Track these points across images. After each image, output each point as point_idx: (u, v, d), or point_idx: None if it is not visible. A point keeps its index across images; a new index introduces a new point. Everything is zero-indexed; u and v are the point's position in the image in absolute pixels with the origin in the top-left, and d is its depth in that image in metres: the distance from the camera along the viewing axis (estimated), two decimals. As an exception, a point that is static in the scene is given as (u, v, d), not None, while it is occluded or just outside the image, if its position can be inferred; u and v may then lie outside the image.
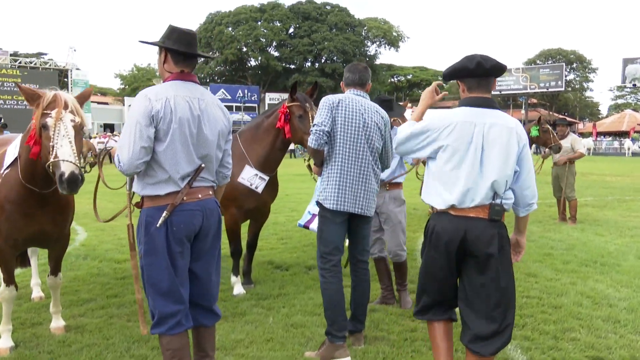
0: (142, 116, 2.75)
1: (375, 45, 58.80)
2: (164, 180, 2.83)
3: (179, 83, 2.92)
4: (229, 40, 53.17)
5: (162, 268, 2.83)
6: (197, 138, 2.88)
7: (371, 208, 3.81)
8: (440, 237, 2.84)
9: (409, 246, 7.28)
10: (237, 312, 4.60)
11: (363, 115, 3.71)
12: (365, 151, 3.70)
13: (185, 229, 2.86)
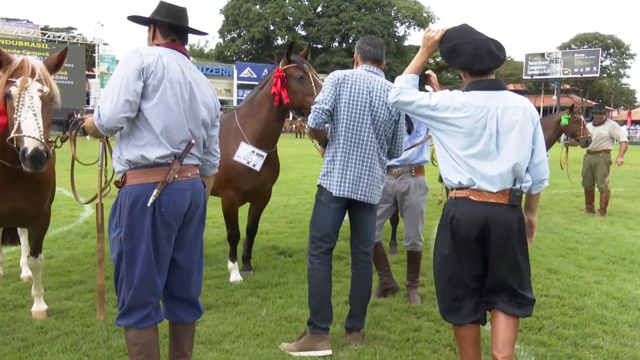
0: (130, 70, 2.51)
1: (405, 26, 57.62)
2: (153, 143, 2.55)
3: (171, 50, 2.72)
4: (256, 18, 52.67)
5: (143, 254, 2.55)
6: (189, 106, 2.67)
7: (375, 196, 3.51)
8: (460, 225, 2.73)
9: (425, 235, 6.90)
10: (230, 301, 4.31)
11: (370, 94, 3.39)
12: (369, 134, 3.40)
13: (174, 210, 2.60)
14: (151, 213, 2.54)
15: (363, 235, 3.58)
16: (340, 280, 4.93)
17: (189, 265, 2.78)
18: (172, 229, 2.63)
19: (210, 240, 6.31)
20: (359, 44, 3.59)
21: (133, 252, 2.56)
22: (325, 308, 3.46)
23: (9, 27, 37.30)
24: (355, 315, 3.61)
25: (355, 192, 3.41)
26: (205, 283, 4.71)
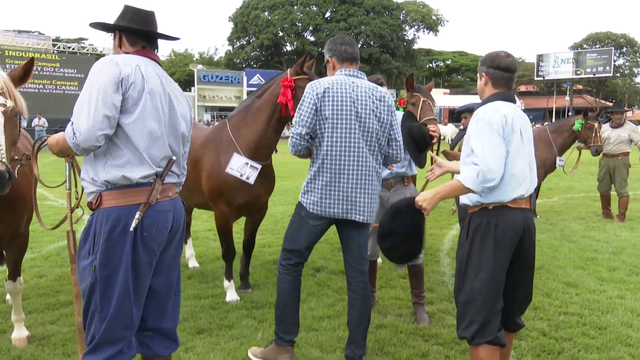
0: (107, 81, 2.26)
1: (414, 30, 57.14)
2: (134, 161, 2.31)
3: (144, 57, 2.47)
4: (264, 24, 52.59)
5: (120, 284, 2.29)
6: (169, 119, 2.46)
7: (374, 213, 3.26)
8: (506, 233, 2.70)
9: (434, 245, 6.60)
10: (224, 324, 4.03)
11: (355, 104, 3.12)
12: (361, 148, 3.14)
13: (158, 234, 2.38)
14: (132, 238, 2.30)
15: (357, 253, 3.32)
16: (343, 298, 4.62)
17: (166, 292, 2.52)
18: (154, 254, 2.39)
19: (209, 254, 6.05)
20: (331, 45, 3.31)
21: (109, 282, 2.30)
22: (287, 319, 3.31)
23: (20, 39, 37.55)
24: (356, 342, 3.32)
25: (350, 211, 3.18)
26: (199, 303, 4.45)
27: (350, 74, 3.22)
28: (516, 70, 2.89)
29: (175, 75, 59.34)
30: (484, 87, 2.86)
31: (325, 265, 5.65)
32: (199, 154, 4.46)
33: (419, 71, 56.49)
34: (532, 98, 55.83)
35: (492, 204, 2.71)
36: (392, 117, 3.25)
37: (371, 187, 3.20)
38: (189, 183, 4.63)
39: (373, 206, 3.25)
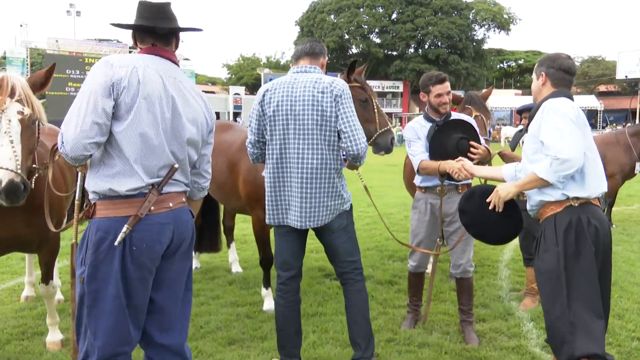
0: (99, 84, 2.12)
1: (484, 29, 55.29)
2: (125, 172, 2.16)
3: (151, 56, 2.31)
4: (330, 28, 52.71)
5: (111, 298, 2.15)
6: (171, 125, 2.26)
7: (321, 217, 3.03)
8: (599, 232, 2.56)
9: (492, 256, 6.14)
10: (257, 335, 3.84)
11: (291, 102, 2.98)
12: (299, 148, 2.98)
13: (149, 249, 2.20)
14: (120, 252, 2.14)
15: (338, 259, 3.19)
16: (386, 312, 4.33)
17: (171, 308, 2.35)
18: (146, 269, 2.21)
19: (255, 259, 5.90)
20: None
21: (96, 296, 2.15)
22: (288, 343, 3.18)
23: (100, 47, 39.55)
24: (356, 343, 3.16)
25: (286, 217, 3.07)
26: (235, 311, 4.30)
27: (296, 71, 3.10)
28: (575, 74, 2.75)
29: (243, 79, 60.72)
30: (542, 87, 2.78)
31: (372, 274, 5.36)
32: (236, 158, 4.31)
33: (489, 72, 54.67)
34: (613, 98, 52.60)
35: (578, 200, 2.56)
36: (338, 108, 2.96)
37: (312, 189, 2.98)
38: (225, 188, 4.53)
39: (319, 208, 3.00)
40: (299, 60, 3.16)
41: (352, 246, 3.19)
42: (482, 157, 3.54)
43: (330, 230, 3.09)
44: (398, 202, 10.25)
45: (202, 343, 3.70)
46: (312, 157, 2.98)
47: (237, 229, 6.92)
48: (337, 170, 3.05)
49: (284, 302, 3.19)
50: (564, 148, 2.44)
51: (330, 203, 3.03)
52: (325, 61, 3.21)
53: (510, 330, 3.94)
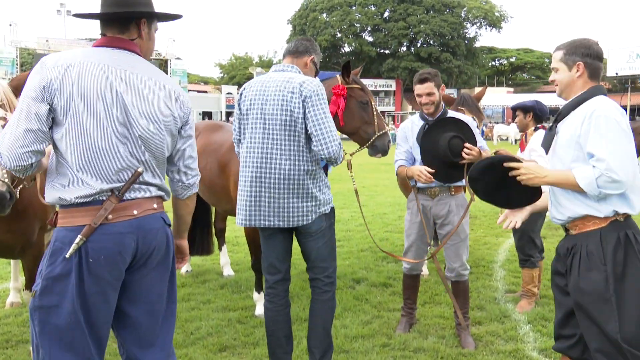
0: (32, 88, 1.96)
1: (475, 27, 55.37)
2: (74, 180, 1.99)
3: (98, 49, 2.10)
4: (322, 26, 52.59)
5: (66, 315, 1.98)
6: (122, 124, 2.04)
7: (290, 218, 2.95)
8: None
9: (487, 256, 6.08)
10: (249, 341, 3.75)
11: (262, 101, 2.95)
12: (266, 147, 2.93)
13: (108, 261, 2.01)
14: (77, 264, 1.96)
15: (310, 262, 3.11)
16: (381, 315, 4.25)
17: (150, 323, 2.17)
18: (106, 283, 2.02)
19: (247, 262, 5.81)
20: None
21: (49, 312, 1.98)
22: (278, 350, 3.11)
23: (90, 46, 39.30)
24: (312, 352, 3.10)
25: (255, 218, 2.99)
26: (227, 316, 4.21)
27: (274, 69, 3.09)
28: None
29: (235, 78, 60.51)
30: (577, 80, 2.44)
31: (366, 276, 5.29)
32: (226, 158, 4.22)
33: (481, 70, 54.77)
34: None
35: (624, 215, 2.35)
36: (307, 110, 2.87)
37: (281, 189, 2.91)
38: (216, 189, 4.43)
39: (289, 208, 2.92)
40: (284, 58, 3.14)
41: (327, 252, 3.08)
42: (475, 159, 3.42)
43: (307, 232, 3.01)
44: (392, 202, 10.18)
45: (192, 350, 3.60)
46: (281, 158, 2.91)
47: (229, 230, 6.81)
48: (309, 172, 2.94)
49: (273, 306, 3.12)
50: (618, 168, 2.20)
51: (301, 204, 2.94)
52: (311, 59, 3.13)
53: (507, 334, 3.87)
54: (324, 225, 3.04)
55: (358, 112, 3.73)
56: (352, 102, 3.74)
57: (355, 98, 3.72)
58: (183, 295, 4.70)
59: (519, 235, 4.44)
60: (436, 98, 3.68)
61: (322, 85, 2.99)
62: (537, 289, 4.51)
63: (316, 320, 3.10)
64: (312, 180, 2.97)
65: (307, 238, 3.03)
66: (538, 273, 4.49)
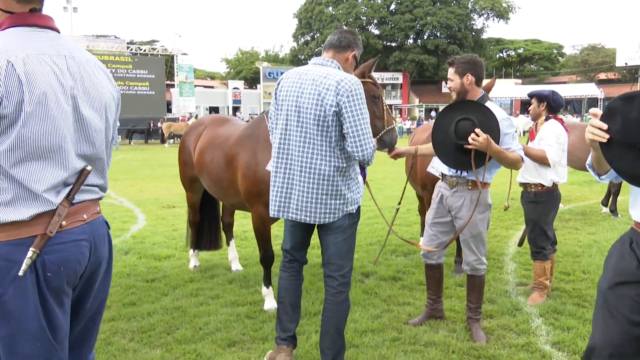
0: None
1: (483, 18, 55.02)
2: (25, 197, 1.70)
3: (28, 33, 1.74)
4: (328, 20, 52.43)
5: (32, 336, 1.73)
6: (74, 122, 1.80)
7: (318, 214, 2.95)
8: None
9: (497, 249, 6.02)
10: (258, 336, 3.72)
11: (298, 95, 2.94)
12: (298, 141, 2.94)
13: (67, 272, 1.78)
14: (34, 282, 1.70)
15: (326, 257, 3.12)
16: (391, 309, 4.21)
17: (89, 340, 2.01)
18: (65, 294, 1.81)
19: (255, 256, 5.79)
20: None
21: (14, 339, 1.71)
22: (284, 316, 3.25)
23: (96, 43, 39.29)
24: (322, 350, 3.13)
25: (285, 210, 3.05)
26: (235, 311, 4.18)
27: (314, 62, 3.06)
28: None
29: (241, 73, 60.51)
30: None
31: (375, 270, 5.24)
32: (233, 152, 4.18)
33: (489, 61, 54.32)
34: (613, 86, 52.29)
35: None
36: (344, 109, 2.82)
37: (315, 186, 2.91)
38: (223, 183, 4.40)
39: (317, 205, 2.92)
40: (325, 51, 3.09)
41: (345, 250, 3.06)
42: (481, 146, 3.32)
43: (329, 227, 3.01)
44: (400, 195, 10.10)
45: (201, 345, 3.58)
46: (312, 153, 2.90)
47: (237, 225, 6.80)
48: (340, 169, 2.91)
49: (286, 275, 3.28)
50: None
51: (329, 202, 2.92)
52: (353, 55, 3.09)
53: (519, 327, 3.82)
54: (347, 222, 3.01)
55: (369, 106, 3.69)
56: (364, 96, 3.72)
57: (367, 92, 3.69)
58: (191, 291, 4.68)
59: (530, 227, 4.38)
60: (455, 85, 3.60)
61: (361, 84, 2.94)
62: (549, 281, 4.45)
63: (329, 321, 3.08)
64: (342, 177, 2.94)
65: (328, 232, 3.03)
66: (550, 265, 4.42)
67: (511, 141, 3.53)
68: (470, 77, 3.56)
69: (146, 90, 37.05)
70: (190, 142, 4.98)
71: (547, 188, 4.26)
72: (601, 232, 6.87)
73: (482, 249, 3.71)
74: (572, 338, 3.60)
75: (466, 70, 3.57)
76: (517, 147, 3.53)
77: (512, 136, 3.54)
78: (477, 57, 3.66)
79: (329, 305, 3.09)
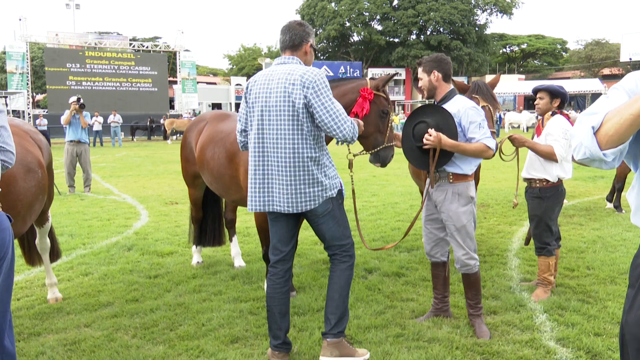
0: None
1: (486, 14, 54.74)
2: None
3: None
4: (331, 15, 52.29)
5: None
6: None
7: (298, 203, 3.10)
8: None
9: (501, 245, 6.00)
10: (261, 332, 3.71)
11: (267, 93, 3.09)
12: (271, 137, 3.09)
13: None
14: None
15: (325, 243, 3.30)
16: (394, 305, 4.19)
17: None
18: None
19: (258, 252, 5.78)
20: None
21: None
22: (273, 325, 3.26)
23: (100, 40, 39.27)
24: (326, 316, 3.25)
25: (268, 204, 3.16)
26: (238, 307, 4.17)
27: (277, 62, 3.18)
28: None
29: (244, 69, 60.42)
30: None
31: (379, 266, 5.22)
32: (235, 147, 4.17)
33: (492, 57, 54.16)
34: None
35: None
36: (312, 99, 2.99)
37: (292, 176, 3.05)
38: (224, 179, 4.38)
39: (296, 194, 3.08)
40: (283, 52, 3.22)
41: (340, 231, 3.22)
42: (433, 144, 3.45)
43: (316, 215, 3.16)
44: (403, 191, 10.10)
45: (204, 341, 3.57)
46: (286, 147, 3.05)
47: (240, 221, 6.80)
48: (313, 159, 3.07)
49: (271, 283, 3.29)
50: None
51: (307, 190, 3.07)
52: (309, 45, 3.21)
53: (523, 323, 3.80)
54: (330, 207, 3.16)
55: (376, 119, 3.88)
56: (374, 109, 3.88)
57: (378, 105, 3.88)
58: (194, 287, 4.67)
59: (535, 223, 4.34)
60: (424, 84, 3.69)
61: (322, 72, 3.09)
62: (554, 277, 4.42)
63: (333, 287, 3.24)
64: (317, 166, 3.09)
65: (316, 221, 3.18)
66: (554, 261, 4.39)
67: (477, 130, 3.51)
68: (436, 74, 3.64)
69: (149, 87, 37.05)
70: (192, 138, 4.97)
71: (552, 183, 4.23)
72: (605, 228, 6.83)
73: (470, 243, 3.64)
74: (576, 334, 3.57)
75: (432, 67, 3.65)
76: (483, 136, 3.50)
77: (477, 125, 3.52)
78: (443, 55, 3.73)
79: (334, 273, 3.25)
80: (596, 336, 3.56)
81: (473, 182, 3.69)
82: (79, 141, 10.60)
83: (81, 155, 10.62)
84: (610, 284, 4.64)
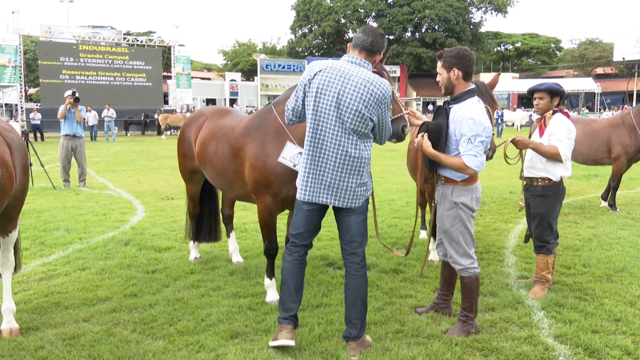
0: None
1: (481, 12, 54.86)
2: None
3: None
4: (326, 12, 52.22)
5: None
6: None
7: (347, 199, 3.26)
8: None
9: (497, 242, 6.03)
10: (260, 328, 3.72)
11: (339, 95, 3.16)
12: (335, 133, 3.19)
13: None
14: None
15: (348, 237, 3.38)
16: (393, 302, 4.20)
17: None
18: None
19: (256, 248, 5.78)
20: (356, 32, 3.36)
21: None
22: (287, 298, 3.39)
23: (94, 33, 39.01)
24: (350, 322, 3.36)
25: (318, 196, 3.27)
26: (237, 303, 4.17)
27: (352, 61, 3.23)
28: None
29: (239, 65, 60.22)
30: None
31: (377, 262, 5.24)
32: (240, 143, 4.15)
33: (486, 55, 54.25)
34: (611, 81, 52.41)
35: None
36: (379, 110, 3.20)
37: (347, 173, 3.21)
38: (228, 174, 4.37)
39: (350, 192, 3.23)
40: (357, 50, 3.26)
41: (364, 228, 3.37)
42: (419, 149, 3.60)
43: (353, 211, 3.31)
44: (399, 188, 10.12)
45: (204, 337, 3.57)
46: (350, 147, 3.18)
47: (237, 217, 6.78)
48: (366, 160, 3.25)
49: (292, 258, 3.41)
50: None
51: (358, 189, 3.25)
52: (379, 57, 3.33)
53: (521, 320, 3.82)
54: (366, 205, 3.37)
55: None
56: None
57: None
58: (193, 282, 4.67)
59: (537, 221, 4.35)
60: (443, 80, 3.51)
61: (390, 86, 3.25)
62: (551, 275, 4.45)
63: (356, 294, 3.34)
64: (367, 167, 3.28)
65: (350, 214, 3.31)
66: (553, 259, 4.42)
67: (464, 144, 3.35)
68: (457, 72, 3.44)
69: (143, 82, 36.82)
70: (191, 133, 4.94)
71: (554, 182, 4.25)
72: (600, 226, 6.88)
73: (457, 247, 3.54)
74: (574, 331, 3.60)
75: (453, 64, 3.44)
76: (467, 152, 3.34)
77: (467, 140, 3.34)
78: (466, 50, 3.48)
79: (354, 279, 3.34)
80: (594, 333, 3.59)
81: (466, 187, 3.51)
82: (74, 135, 10.54)
83: (76, 149, 10.56)
84: (607, 281, 4.68)
